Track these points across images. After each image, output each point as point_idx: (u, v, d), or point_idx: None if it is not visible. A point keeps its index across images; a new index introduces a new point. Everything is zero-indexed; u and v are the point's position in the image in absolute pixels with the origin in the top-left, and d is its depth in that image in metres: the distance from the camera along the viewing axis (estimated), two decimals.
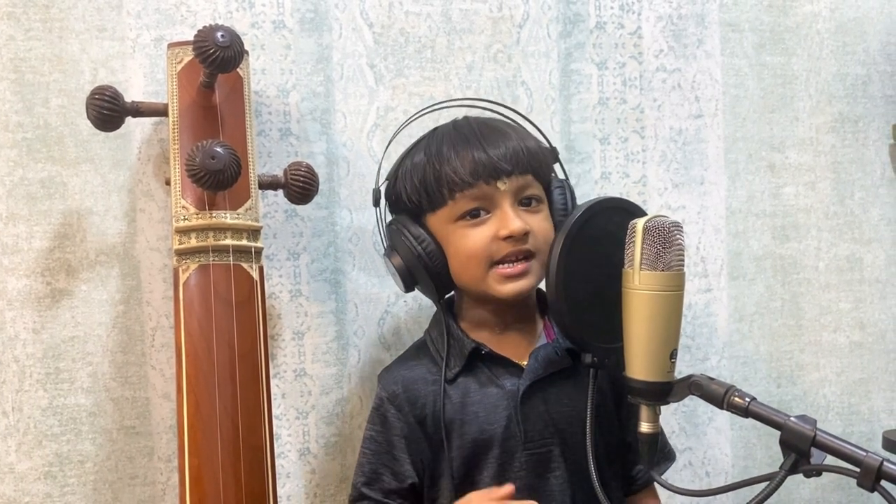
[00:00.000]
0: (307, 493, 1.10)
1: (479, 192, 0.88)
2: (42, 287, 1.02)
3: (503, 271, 0.88)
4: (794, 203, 1.24)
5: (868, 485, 0.68)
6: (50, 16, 1.01)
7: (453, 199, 0.89)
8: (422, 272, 0.91)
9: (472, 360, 0.92)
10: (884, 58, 1.26)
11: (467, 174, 0.87)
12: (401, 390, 0.93)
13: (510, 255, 0.88)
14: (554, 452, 0.91)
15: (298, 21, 1.07)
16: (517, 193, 0.90)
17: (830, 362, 1.26)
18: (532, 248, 0.89)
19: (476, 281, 0.90)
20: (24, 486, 1.02)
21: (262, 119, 1.07)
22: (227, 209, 0.89)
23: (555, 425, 0.91)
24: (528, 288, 0.90)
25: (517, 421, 0.90)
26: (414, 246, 0.90)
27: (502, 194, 0.88)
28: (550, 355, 0.93)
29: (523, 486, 0.89)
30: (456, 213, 0.89)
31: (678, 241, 0.78)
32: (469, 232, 0.89)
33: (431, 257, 0.90)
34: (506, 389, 0.91)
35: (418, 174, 0.91)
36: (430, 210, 0.91)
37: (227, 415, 0.85)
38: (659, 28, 1.18)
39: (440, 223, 0.91)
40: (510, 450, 0.90)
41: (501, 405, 0.91)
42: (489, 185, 0.88)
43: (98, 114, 0.90)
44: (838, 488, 1.26)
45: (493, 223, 0.88)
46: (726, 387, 0.76)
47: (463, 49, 1.12)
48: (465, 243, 0.89)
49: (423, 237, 0.90)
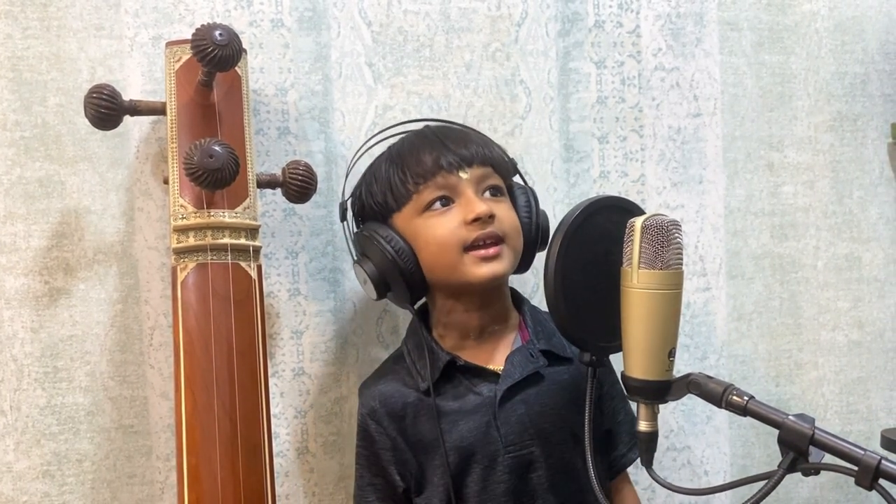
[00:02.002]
0: (305, 492, 1.10)
1: (443, 181, 0.90)
2: (40, 286, 1.02)
3: (477, 253, 0.89)
4: (793, 202, 1.24)
5: (866, 483, 0.68)
6: (48, 14, 1.01)
7: (418, 192, 0.91)
8: (394, 273, 0.91)
9: (447, 371, 0.93)
10: (882, 56, 1.26)
11: (429, 165, 0.90)
12: (378, 405, 0.94)
13: (479, 239, 0.89)
14: (535, 453, 0.92)
15: (297, 20, 1.07)
16: (479, 182, 0.92)
17: (829, 361, 1.26)
18: (499, 232, 0.90)
19: (450, 268, 0.90)
20: (22, 484, 1.02)
21: (260, 118, 1.06)
22: (226, 208, 0.89)
23: (534, 427, 0.92)
24: (502, 271, 0.91)
25: (496, 427, 0.91)
26: (384, 247, 0.91)
27: (465, 182, 0.90)
28: (526, 358, 0.93)
29: (506, 489, 0.91)
30: (421, 204, 0.91)
31: (676, 240, 0.78)
32: (437, 221, 0.90)
33: (402, 255, 0.91)
34: (483, 396, 0.92)
35: (382, 175, 0.94)
36: (396, 209, 0.93)
37: (226, 414, 0.85)
38: (657, 27, 1.18)
39: (407, 220, 0.92)
40: (492, 455, 0.91)
41: (480, 412, 0.92)
42: (452, 174, 0.90)
43: (96, 112, 0.90)
44: (837, 487, 1.26)
45: (459, 210, 0.90)
46: (725, 385, 0.76)
47: (461, 48, 1.12)
48: (434, 232, 0.90)
49: (391, 237, 0.91)
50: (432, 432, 0.91)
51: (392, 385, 0.95)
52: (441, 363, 0.93)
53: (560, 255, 0.83)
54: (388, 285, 0.93)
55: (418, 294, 0.95)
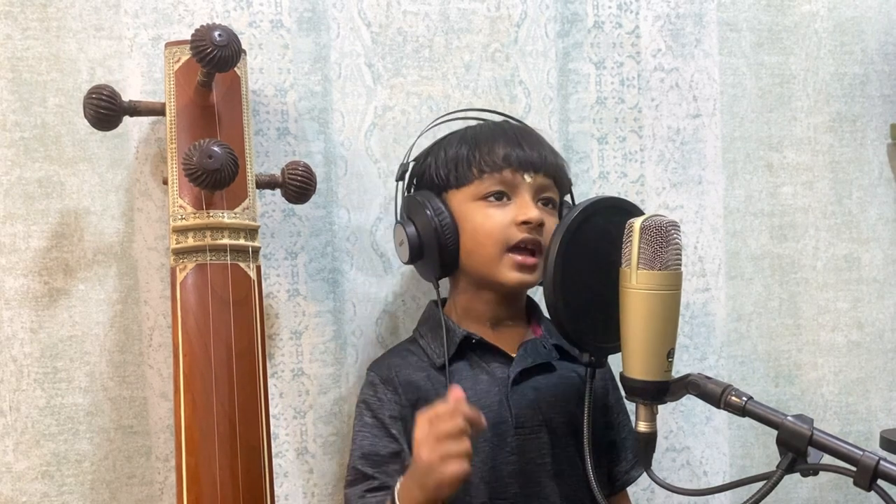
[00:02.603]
0: (305, 493, 1.10)
1: (507, 177, 0.92)
2: (40, 286, 1.02)
3: (516, 258, 0.91)
4: (792, 202, 1.24)
5: (865, 484, 0.68)
6: (47, 15, 1.01)
7: (480, 179, 0.93)
8: (432, 245, 0.93)
9: (462, 348, 0.95)
10: (881, 57, 1.26)
11: (500, 158, 0.92)
12: (394, 375, 0.95)
13: (523, 242, 0.91)
14: (543, 440, 0.93)
15: (296, 20, 1.07)
16: (539, 190, 0.94)
17: (828, 362, 1.26)
18: (543, 242, 0.92)
19: (487, 262, 0.92)
20: (21, 485, 1.02)
21: (259, 118, 1.07)
22: (225, 208, 0.89)
23: (543, 414, 0.93)
24: (532, 281, 0.93)
25: (508, 406, 0.92)
26: (432, 217, 0.93)
27: (526, 185, 0.93)
28: (538, 348, 0.96)
29: (513, 471, 0.91)
30: (480, 191, 0.93)
31: (675, 241, 0.78)
32: (490, 212, 0.92)
33: (446, 230, 0.93)
34: (496, 376, 0.94)
35: (452, 150, 0.95)
36: (455, 186, 0.94)
37: (225, 414, 0.85)
38: (657, 27, 1.18)
39: (461, 200, 0.94)
40: (501, 434, 0.92)
41: (492, 391, 0.93)
42: (517, 174, 0.92)
43: (95, 113, 0.90)
44: (835, 487, 1.26)
45: (513, 209, 0.92)
46: (723, 386, 0.76)
47: (461, 48, 1.12)
48: (485, 222, 0.92)
49: (442, 211, 0.93)
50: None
51: (408, 360, 0.97)
52: (457, 338, 0.94)
53: (559, 256, 0.83)
54: (422, 254, 0.95)
55: (447, 271, 0.96)
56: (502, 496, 0.91)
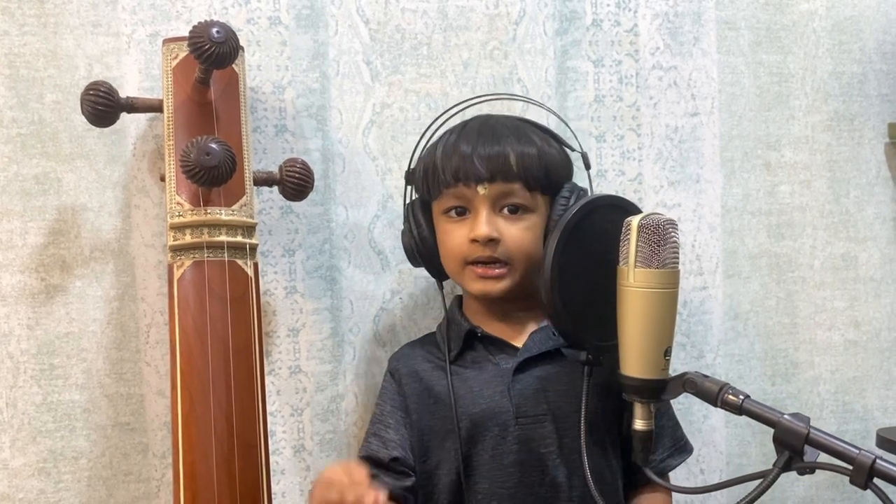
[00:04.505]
0: (302, 490, 1.10)
1: (461, 191, 0.92)
2: (36, 283, 1.02)
3: (476, 270, 0.92)
4: (790, 201, 1.24)
5: (861, 482, 0.68)
6: (44, 11, 1.01)
7: (440, 194, 0.94)
8: (415, 257, 0.98)
9: (469, 341, 0.96)
10: (879, 56, 1.26)
11: (450, 173, 0.91)
12: (400, 366, 0.99)
13: (481, 259, 0.92)
14: (547, 429, 0.92)
15: (294, 17, 1.07)
16: (498, 199, 0.92)
17: (825, 360, 1.26)
18: (501, 258, 0.91)
19: (454, 274, 0.96)
20: (17, 482, 1.02)
21: (257, 115, 1.06)
22: (222, 205, 0.89)
23: (548, 403, 0.93)
24: (500, 291, 0.93)
25: (509, 397, 0.92)
26: (412, 230, 0.97)
27: (481, 198, 0.91)
28: (547, 336, 0.95)
29: (514, 460, 0.91)
30: (443, 207, 0.95)
31: (673, 239, 0.78)
32: (450, 228, 0.94)
33: (424, 244, 0.96)
34: (501, 367, 0.95)
35: (423, 163, 0.96)
36: (432, 198, 0.96)
37: (222, 411, 0.85)
38: (655, 26, 1.18)
39: (437, 213, 0.97)
40: (504, 425, 0.92)
41: (496, 381, 0.94)
42: (469, 187, 0.91)
43: (93, 109, 0.89)
44: (832, 486, 1.27)
45: (469, 224, 0.92)
46: (720, 384, 0.76)
47: (459, 46, 1.12)
48: (446, 239, 0.95)
49: (420, 224, 0.96)
50: (446, 396, 0.93)
51: (417, 351, 1.01)
52: (463, 332, 0.96)
53: (557, 254, 0.83)
54: (418, 260, 0.99)
55: (443, 276, 0.98)
56: (504, 485, 0.91)
